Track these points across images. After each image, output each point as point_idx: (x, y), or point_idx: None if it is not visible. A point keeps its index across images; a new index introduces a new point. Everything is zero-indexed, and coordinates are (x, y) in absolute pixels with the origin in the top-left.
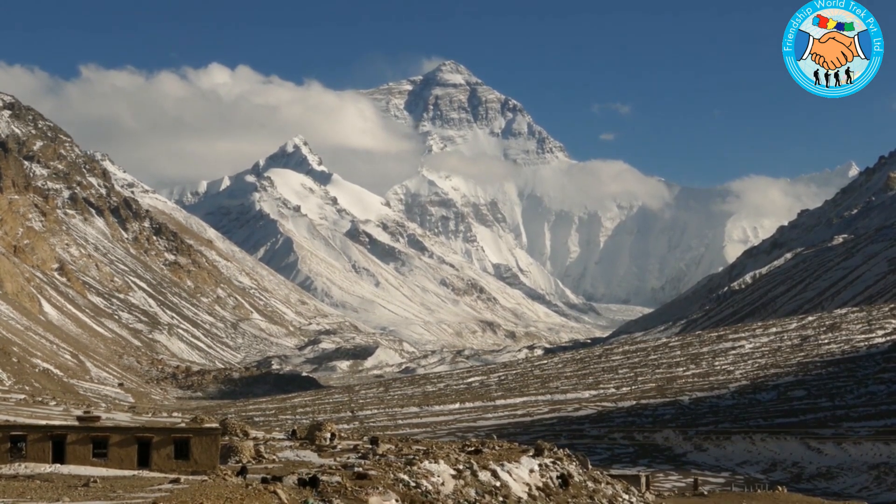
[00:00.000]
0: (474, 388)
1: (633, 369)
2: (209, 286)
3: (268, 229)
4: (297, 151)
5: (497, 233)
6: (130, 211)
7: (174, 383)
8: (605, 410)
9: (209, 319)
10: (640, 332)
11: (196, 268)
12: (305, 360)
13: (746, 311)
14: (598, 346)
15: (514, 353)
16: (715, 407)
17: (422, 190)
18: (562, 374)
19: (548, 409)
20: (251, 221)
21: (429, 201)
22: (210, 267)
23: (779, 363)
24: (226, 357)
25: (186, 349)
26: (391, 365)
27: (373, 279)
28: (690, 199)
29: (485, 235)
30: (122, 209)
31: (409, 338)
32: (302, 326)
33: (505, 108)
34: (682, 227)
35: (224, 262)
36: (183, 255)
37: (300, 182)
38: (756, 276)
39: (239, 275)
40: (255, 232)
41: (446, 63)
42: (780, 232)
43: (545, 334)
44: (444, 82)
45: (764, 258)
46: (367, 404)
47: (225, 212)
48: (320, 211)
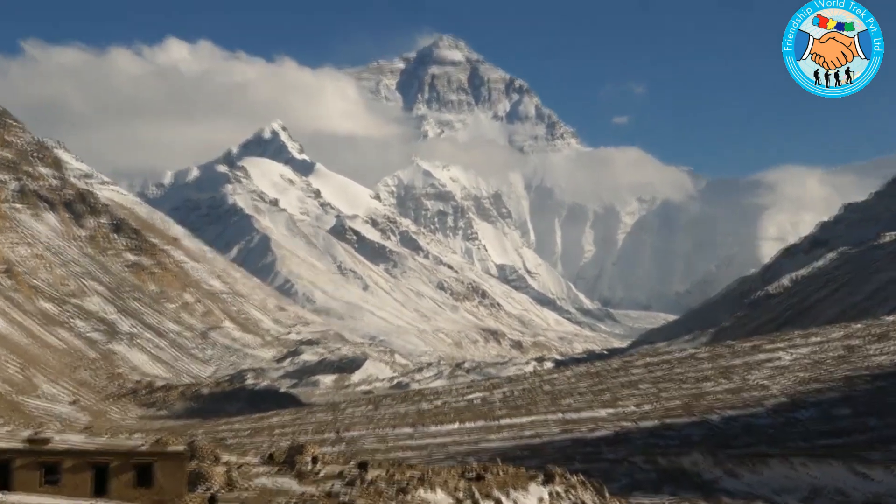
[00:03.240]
0: (476, 406)
1: (656, 384)
2: (175, 290)
3: (242, 226)
4: (274, 138)
5: (501, 230)
6: (86, 205)
7: (135, 400)
8: (624, 431)
9: (175, 328)
10: (664, 342)
11: (160, 269)
12: (284, 373)
13: (784, 319)
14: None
15: (521, 365)
16: (749, 427)
17: (416, 181)
18: (575, 390)
19: (559, 429)
20: (223, 217)
21: (424, 194)
22: (176, 268)
23: (821, 377)
24: (194, 370)
25: (149, 361)
26: (381, 379)
27: (361, 282)
28: (719, 192)
29: (487, 233)
30: (77, 203)
31: (401, 348)
32: (280, 336)
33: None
34: (711, 222)
35: (192, 263)
36: (145, 255)
37: (278, 172)
38: (795, 278)
39: (209, 277)
40: (228, 229)
41: (443, 38)
42: (821, 228)
43: (556, 344)
44: (441, 60)
45: (803, 258)
46: (355, 424)
47: (193, 206)
48: (301, 205)
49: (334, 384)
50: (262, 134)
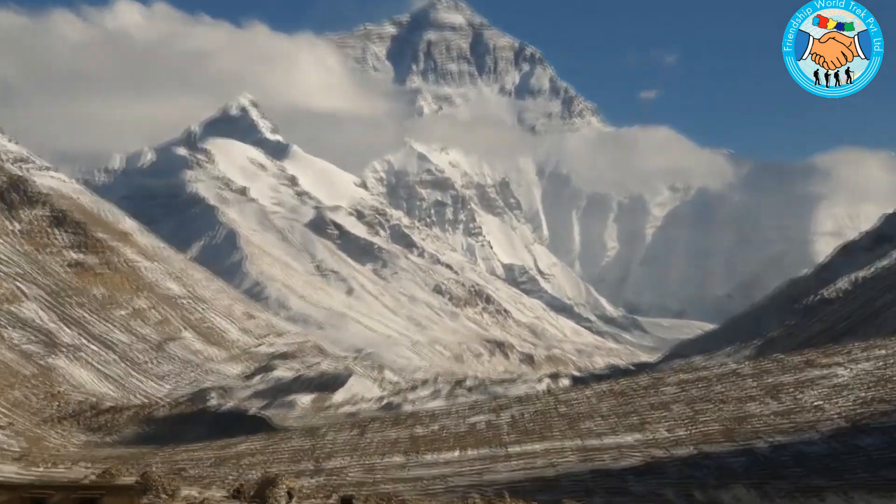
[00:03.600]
0: (479, 431)
1: (692, 405)
2: (125, 294)
3: (204, 218)
4: (243, 115)
5: (509, 223)
6: (21, 195)
7: (78, 424)
8: (654, 460)
9: (125, 339)
10: (700, 356)
11: (108, 270)
12: (254, 392)
13: (842, 328)
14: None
15: (533, 383)
16: (801, 455)
17: (409, 166)
18: (596, 412)
19: (577, 458)
20: (182, 208)
21: (418, 181)
22: (127, 269)
23: (886, 397)
24: (147, 389)
25: (94, 378)
26: (368, 399)
27: (344, 285)
28: (765, 178)
29: (493, 227)
30: (10, 192)
31: (392, 363)
32: (249, 348)
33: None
34: (755, 215)
35: (146, 263)
36: (91, 254)
37: (248, 156)
38: (855, 280)
39: (165, 279)
40: (188, 222)
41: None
42: (885, 222)
43: (573, 358)
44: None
45: (864, 257)
46: (337, 452)
47: (147, 195)
48: (274, 194)
49: (313, 405)
50: (229, 111)
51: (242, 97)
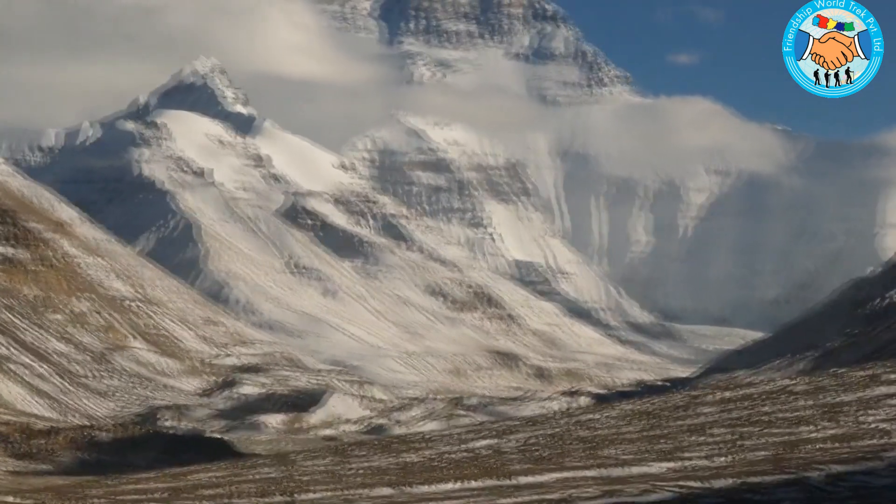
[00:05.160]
0: (482, 458)
1: (735, 428)
2: (62, 296)
3: (157, 206)
4: (203, 83)
5: (520, 213)
6: None
7: (6, 449)
8: (689, 493)
9: (62, 348)
10: (745, 370)
11: (42, 266)
12: (215, 412)
13: None
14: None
15: (546, 402)
16: (864, 488)
17: (400, 144)
18: (621, 437)
19: (598, 490)
20: (130, 193)
21: (410, 163)
22: (64, 265)
23: None
24: (88, 408)
25: (25, 395)
26: (351, 421)
27: (322, 285)
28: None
29: (500, 217)
30: None
31: (378, 378)
32: (210, 360)
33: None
34: (812, 203)
35: (86, 258)
36: (21, 247)
37: (208, 132)
38: None
39: (110, 277)
40: (137, 210)
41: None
42: None
43: (595, 372)
44: None
45: None
46: (313, 483)
47: (87, 178)
48: (240, 177)
49: (285, 427)
50: (185, 77)
51: (201, 61)
